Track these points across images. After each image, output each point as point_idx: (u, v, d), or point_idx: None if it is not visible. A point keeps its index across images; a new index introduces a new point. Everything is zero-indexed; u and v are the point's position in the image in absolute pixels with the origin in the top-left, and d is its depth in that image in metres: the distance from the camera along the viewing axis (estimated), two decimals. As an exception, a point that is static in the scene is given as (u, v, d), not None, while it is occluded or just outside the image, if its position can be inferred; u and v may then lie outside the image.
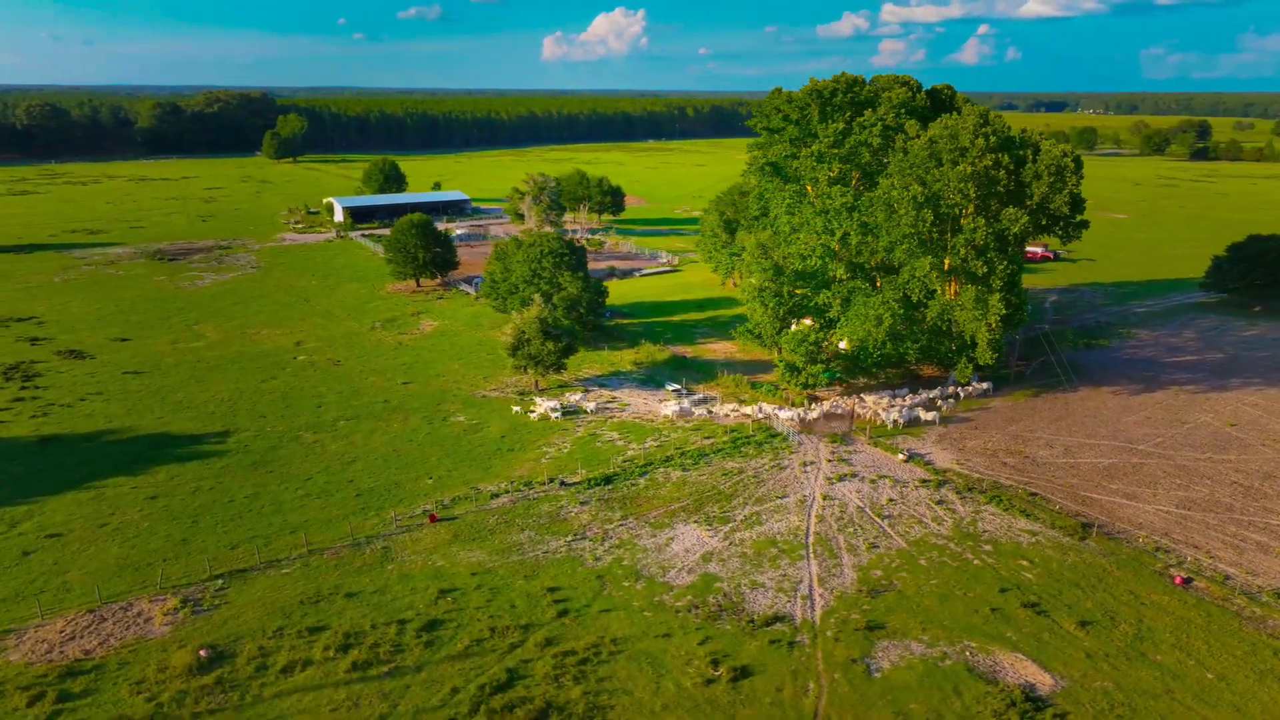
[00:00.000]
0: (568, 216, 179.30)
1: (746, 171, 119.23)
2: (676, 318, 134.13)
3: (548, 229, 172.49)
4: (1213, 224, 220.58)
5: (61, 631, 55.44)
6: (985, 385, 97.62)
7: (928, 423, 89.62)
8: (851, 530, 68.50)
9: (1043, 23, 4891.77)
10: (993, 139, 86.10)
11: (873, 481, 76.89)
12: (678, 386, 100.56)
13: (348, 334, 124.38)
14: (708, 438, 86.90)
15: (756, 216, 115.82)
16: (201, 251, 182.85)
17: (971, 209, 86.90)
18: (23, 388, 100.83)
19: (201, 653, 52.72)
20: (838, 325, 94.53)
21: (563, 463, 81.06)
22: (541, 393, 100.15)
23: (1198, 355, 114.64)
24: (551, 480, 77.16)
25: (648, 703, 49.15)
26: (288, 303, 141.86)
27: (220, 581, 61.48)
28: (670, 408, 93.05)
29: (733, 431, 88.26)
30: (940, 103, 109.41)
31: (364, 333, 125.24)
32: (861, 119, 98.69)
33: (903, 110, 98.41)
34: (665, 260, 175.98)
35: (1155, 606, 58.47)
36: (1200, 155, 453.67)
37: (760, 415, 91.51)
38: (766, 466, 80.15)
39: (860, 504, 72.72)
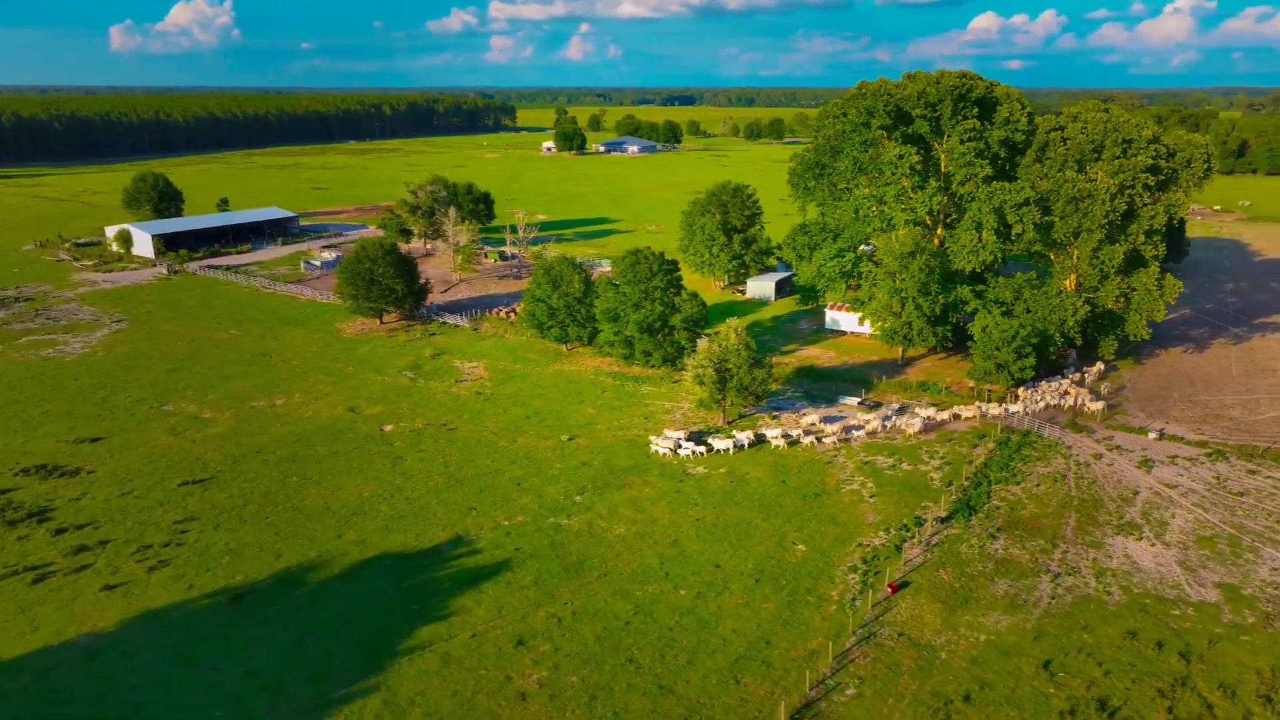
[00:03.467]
0: (457, 229, 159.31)
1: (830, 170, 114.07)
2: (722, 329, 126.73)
3: (461, 240, 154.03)
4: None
5: None
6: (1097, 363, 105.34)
7: (1100, 402, 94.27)
8: (1245, 513, 70.81)
9: (638, 23, 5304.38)
10: (1146, 132, 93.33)
11: (1173, 464, 79.94)
12: (861, 399, 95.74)
13: (394, 390, 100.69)
14: (975, 446, 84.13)
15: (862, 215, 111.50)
16: None
17: (1149, 197, 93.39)
18: (58, 533, 68.31)
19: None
20: (1015, 317, 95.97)
21: (899, 498, 73.65)
22: (730, 425, 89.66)
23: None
24: (937, 519, 69.85)
25: None
26: (244, 360, 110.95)
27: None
28: (875, 422, 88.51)
29: (984, 438, 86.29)
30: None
31: (410, 386, 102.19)
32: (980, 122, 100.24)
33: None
34: (608, 266, 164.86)
35: None
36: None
37: (979, 415, 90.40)
38: (1073, 467, 79.70)
39: (1204, 491, 75.33)
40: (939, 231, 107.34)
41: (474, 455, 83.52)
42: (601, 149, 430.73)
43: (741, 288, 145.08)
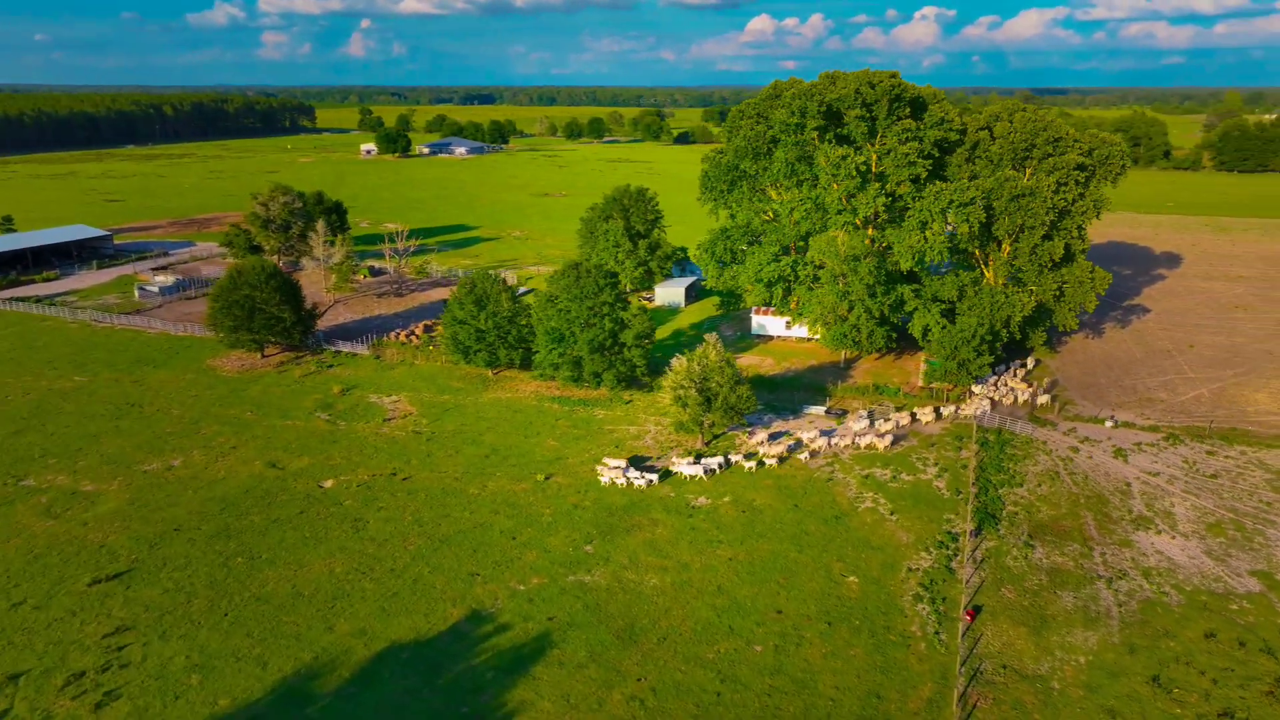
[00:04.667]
0: (328, 245, 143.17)
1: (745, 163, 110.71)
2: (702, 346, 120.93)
3: (335, 257, 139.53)
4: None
5: None
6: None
7: (1046, 395, 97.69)
8: (1231, 495, 74.18)
9: (421, 19, 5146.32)
10: (1073, 131, 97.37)
11: (1142, 451, 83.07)
12: (827, 408, 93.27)
13: (313, 436, 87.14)
14: (959, 449, 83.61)
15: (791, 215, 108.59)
16: None
17: (1079, 192, 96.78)
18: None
19: None
20: (958, 316, 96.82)
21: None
22: (709, 445, 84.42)
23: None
24: (970, 534, 67.81)
25: None
26: (107, 413, 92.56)
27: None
28: (860, 425, 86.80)
29: (964, 439, 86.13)
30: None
31: (332, 430, 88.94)
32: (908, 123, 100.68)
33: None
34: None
35: None
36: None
37: (937, 418, 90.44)
38: (1059, 463, 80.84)
39: (1185, 477, 78.54)
40: (870, 232, 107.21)
41: (446, 508, 73.01)
42: (426, 151, 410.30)
43: (648, 295, 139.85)
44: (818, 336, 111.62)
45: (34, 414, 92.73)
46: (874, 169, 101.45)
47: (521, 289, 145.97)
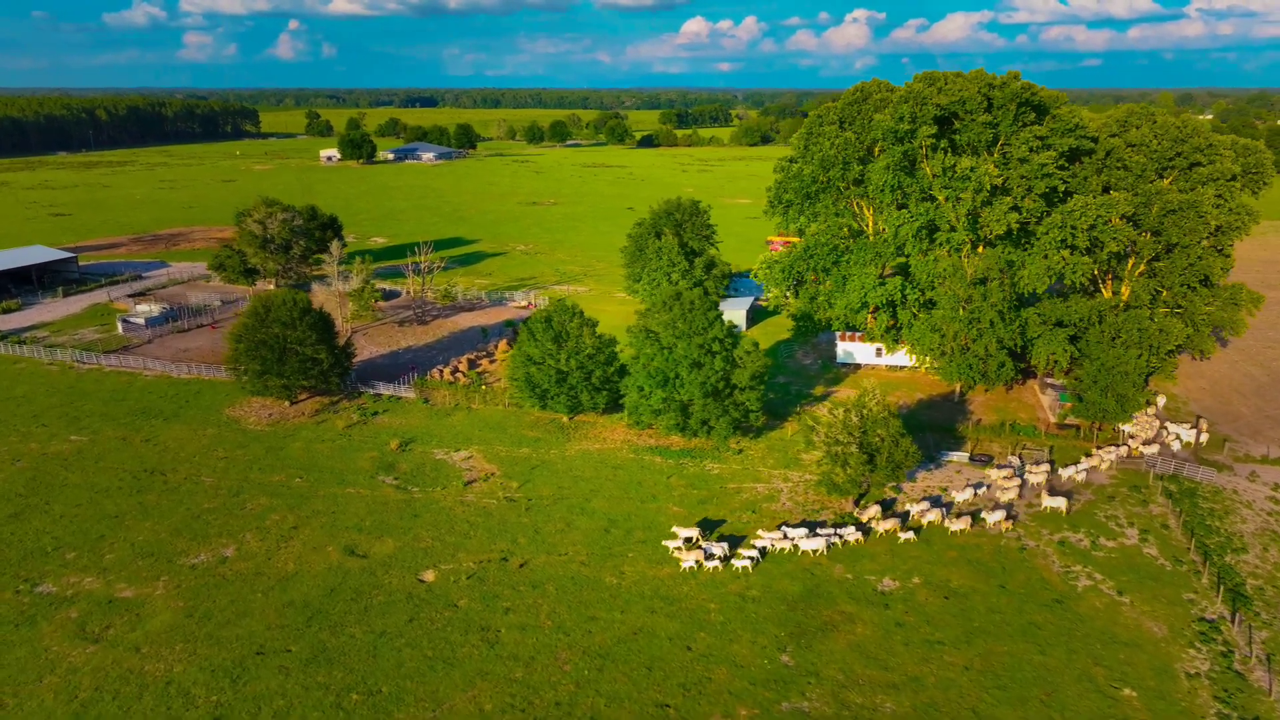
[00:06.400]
0: (347, 269, 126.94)
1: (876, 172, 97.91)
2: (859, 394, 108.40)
3: (353, 282, 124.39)
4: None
5: None
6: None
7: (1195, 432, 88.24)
8: None
9: (353, 21, 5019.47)
10: (1225, 138, 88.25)
11: (1344, 499, 73.74)
12: (971, 454, 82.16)
13: (384, 508, 72.69)
14: (1144, 502, 73.09)
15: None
16: None
17: (1234, 204, 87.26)
18: None
19: None
20: (1091, 343, 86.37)
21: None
22: (858, 506, 72.45)
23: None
24: (1230, 620, 57.04)
25: None
26: (124, 485, 76.69)
27: None
28: (1037, 477, 75.99)
29: (1139, 489, 75.75)
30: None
31: (405, 499, 74.56)
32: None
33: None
34: (524, 302, 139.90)
35: None
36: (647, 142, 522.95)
37: (1114, 462, 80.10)
38: (1269, 519, 70.89)
39: None
40: (980, 250, 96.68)
41: (588, 606, 59.60)
42: (391, 157, 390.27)
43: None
44: (914, 364, 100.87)
45: (32, 489, 76.27)
46: (996, 181, 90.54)
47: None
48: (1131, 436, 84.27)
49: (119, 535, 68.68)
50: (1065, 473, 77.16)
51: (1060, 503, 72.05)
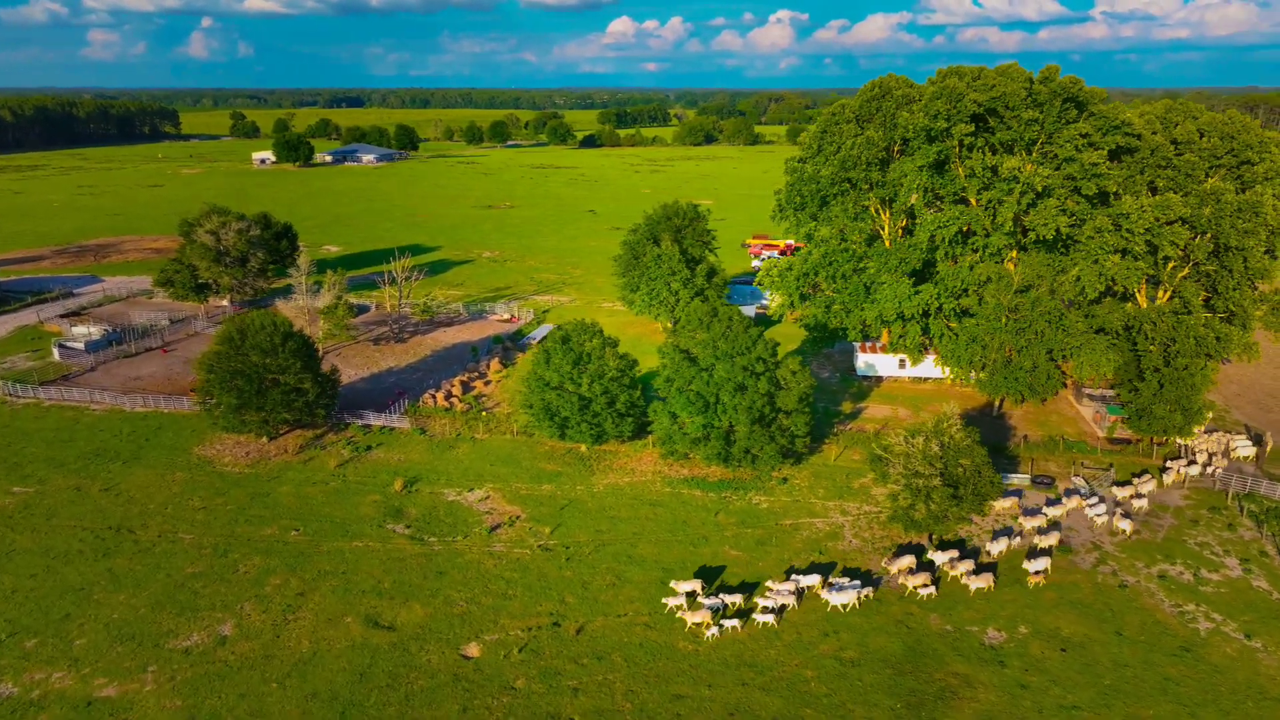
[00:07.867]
0: (316, 283, 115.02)
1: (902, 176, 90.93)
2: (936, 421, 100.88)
3: (324, 299, 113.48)
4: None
5: None
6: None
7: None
8: None
9: (269, 20, 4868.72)
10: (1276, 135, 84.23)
11: None
12: (1034, 477, 76.29)
13: (402, 566, 63.13)
14: (1229, 525, 68.12)
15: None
16: None
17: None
18: None
19: None
20: (1141, 354, 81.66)
21: (1282, 636, 54.92)
22: (931, 540, 65.78)
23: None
24: (1368, 669, 51.78)
25: None
26: (88, 547, 65.36)
27: None
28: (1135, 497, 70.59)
29: (1218, 510, 70.87)
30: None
31: (425, 554, 65.04)
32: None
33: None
34: (506, 315, 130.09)
35: None
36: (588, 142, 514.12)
37: (1181, 480, 75.22)
38: (1359, 539, 66.58)
39: None
40: (1013, 254, 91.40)
41: (667, 681, 51.34)
42: (329, 159, 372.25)
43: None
44: (943, 376, 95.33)
45: (53, 538, 64.44)
46: (1049, 182, 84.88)
47: (541, 328, 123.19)
48: (1200, 451, 79.62)
49: (88, 613, 57.67)
50: (1142, 491, 71.94)
51: (1128, 525, 66.99)
